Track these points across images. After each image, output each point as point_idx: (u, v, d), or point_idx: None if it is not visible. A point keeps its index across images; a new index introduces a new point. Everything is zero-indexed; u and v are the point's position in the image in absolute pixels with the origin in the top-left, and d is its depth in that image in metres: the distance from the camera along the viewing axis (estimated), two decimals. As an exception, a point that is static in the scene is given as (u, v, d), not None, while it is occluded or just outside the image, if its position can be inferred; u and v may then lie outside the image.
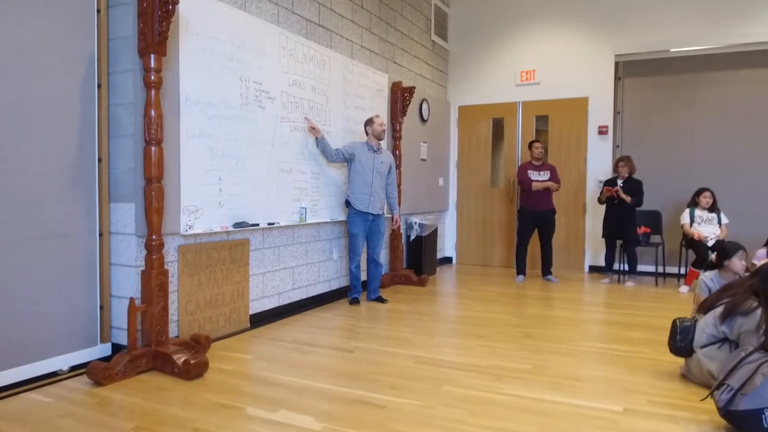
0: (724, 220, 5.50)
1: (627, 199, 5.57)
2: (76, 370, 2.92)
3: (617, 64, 6.56)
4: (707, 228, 5.45)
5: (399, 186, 5.34)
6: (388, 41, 5.81)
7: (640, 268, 5.99)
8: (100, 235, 3.06)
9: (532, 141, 6.09)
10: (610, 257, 5.93)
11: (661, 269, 5.98)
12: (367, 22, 5.39)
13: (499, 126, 7.19)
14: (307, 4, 4.47)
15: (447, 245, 7.43)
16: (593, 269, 6.61)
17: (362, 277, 4.93)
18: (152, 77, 2.91)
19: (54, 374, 2.85)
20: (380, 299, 4.84)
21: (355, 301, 4.73)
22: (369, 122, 4.71)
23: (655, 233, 6.04)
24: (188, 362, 2.83)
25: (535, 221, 5.95)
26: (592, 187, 6.55)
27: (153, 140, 2.93)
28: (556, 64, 6.71)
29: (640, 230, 5.85)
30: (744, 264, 3.27)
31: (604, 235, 5.90)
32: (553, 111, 6.79)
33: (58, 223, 2.85)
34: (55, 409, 2.44)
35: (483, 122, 7.21)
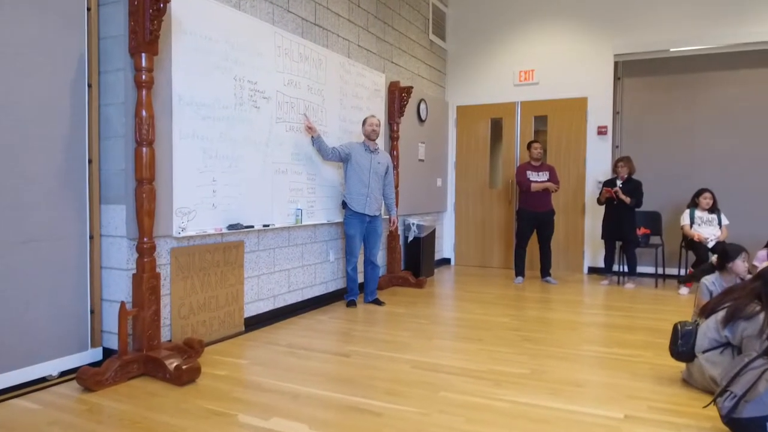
0: (725, 221, 5.46)
1: (626, 199, 5.52)
2: (66, 376, 2.86)
3: (616, 64, 6.51)
4: (707, 229, 5.41)
5: (397, 187, 5.28)
6: (386, 41, 5.75)
7: (640, 269, 5.94)
8: (91, 237, 3.00)
9: (531, 141, 6.04)
10: (610, 258, 5.89)
11: (660, 271, 5.93)
12: (364, 22, 5.34)
13: (497, 126, 7.14)
14: (303, 3, 4.42)
15: (445, 246, 7.37)
16: (592, 270, 6.56)
17: (359, 279, 4.87)
18: (143, 77, 2.85)
19: (43, 380, 2.80)
20: (377, 302, 4.79)
21: (352, 304, 4.68)
22: (363, 122, 4.67)
23: (655, 234, 5.99)
24: (180, 368, 2.77)
25: (534, 222, 5.90)
26: (592, 188, 6.50)
27: (144, 141, 2.87)
28: (555, 64, 6.66)
29: (640, 231, 5.81)
30: (746, 266, 3.22)
31: (604, 236, 5.86)
32: (552, 111, 6.74)
33: (48, 226, 2.79)
34: (43, 417, 2.39)
35: (481, 122, 7.15)
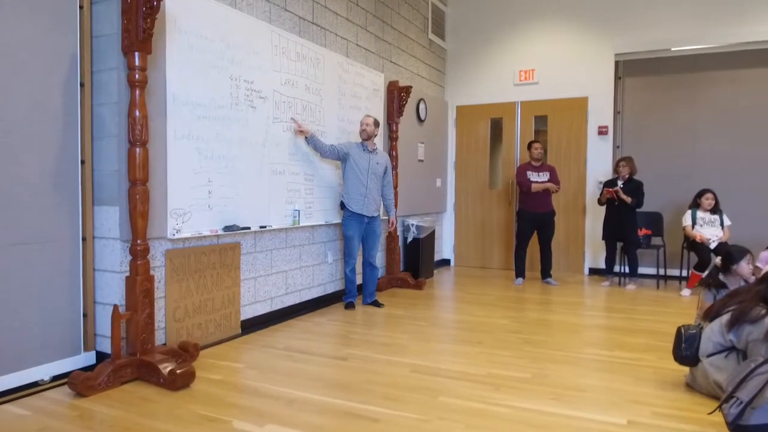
0: (727, 222, 5.40)
1: (627, 199, 5.47)
2: (59, 380, 2.80)
3: (617, 64, 6.46)
4: (709, 230, 5.36)
5: (396, 187, 5.23)
6: (385, 40, 5.70)
7: (641, 270, 5.89)
8: (83, 239, 2.94)
9: (531, 141, 5.99)
10: (611, 259, 5.83)
11: (662, 272, 5.88)
12: (363, 20, 5.28)
13: (497, 126, 7.08)
14: (300, 2, 4.36)
15: (445, 247, 7.32)
16: (593, 272, 6.51)
17: (358, 281, 4.82)
18: (137, 76, 2.80)
19: (35, 384, 2.74)
20: (376, 303, 4.74)
21: (351, 306, 4.62)
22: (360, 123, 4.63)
23: (656, 235, 5.94)
24: (174, 372, 2.72)
25: (534, 223, 5.85)
26: (592, 188, 6.44)
27: (137, 141, 2.82)
28: (555, 64, 6.61)
29: (641, 232, 5.75)
30: (751, 268, 3.17)
31: (605, 237, 5.81)
32: (553, 111, 6.68)
33: (40, 228, 2.74)
34: (32, 423, 2.33)
35: (481, 122, 7.10)
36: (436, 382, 2.86)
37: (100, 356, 3.01)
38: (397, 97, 5.51)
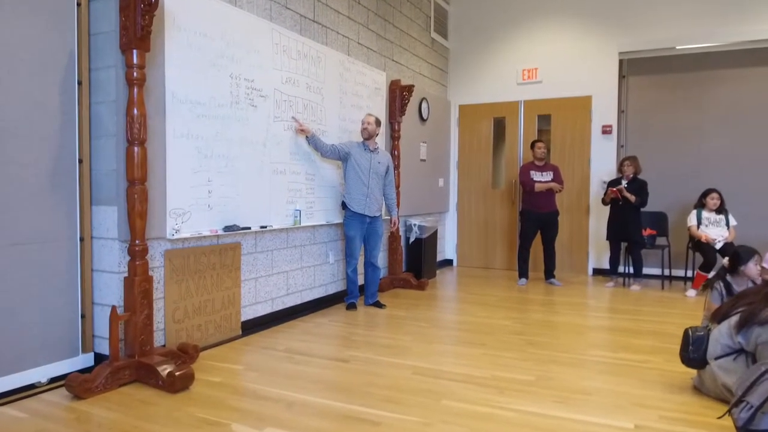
0: (732, 222, 5.35)
1: (631, 198, 5.42)
2: (56, 383, 2.77)
3: (621, 62, 6.40)
4: (715, 230, 5.30)
5: (398, 187, 5.19)
6: (386, 38, 5.66)
7: (646, 271, 5.84)
8: (81, 239, 2.91)
9: (535, 141, 5.94)
10: (615, 260, 5.77)
11: (667, 272, 5.83)
12: (365, 19, 5.24)
13: (500, 125, 7.03)
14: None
15: (447, 247, 7.27)
16: (597, 272, 6.45)
17: (359, 281, 4.78)
18: (135, 74, 2.76)
19: (32, 387, 2.71)
20: (378, 304, 4.69)
21: (352, 306, 4.58)
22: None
23: (661, 235, 5.89)
24: (173, 374, 2.68)
25: (537, 223, 5.80)
26: (596, 188, 6.39)
27: (136, 140, 2.78)
28: (558, 62, 6.56)
29: (646, 232, 5.71)
30: (759, 269, 3.12)
31: (609, 237, 5.75)
32: (556, 110, 6.63)
33: (37, 228, 2.70)
34: (29, 426, 2.30)
35: (484, 122, 7.05)
36: (439, 385, 2.81)
37: (99, 358, 2.97)
38: (399, 96, 5.47)
